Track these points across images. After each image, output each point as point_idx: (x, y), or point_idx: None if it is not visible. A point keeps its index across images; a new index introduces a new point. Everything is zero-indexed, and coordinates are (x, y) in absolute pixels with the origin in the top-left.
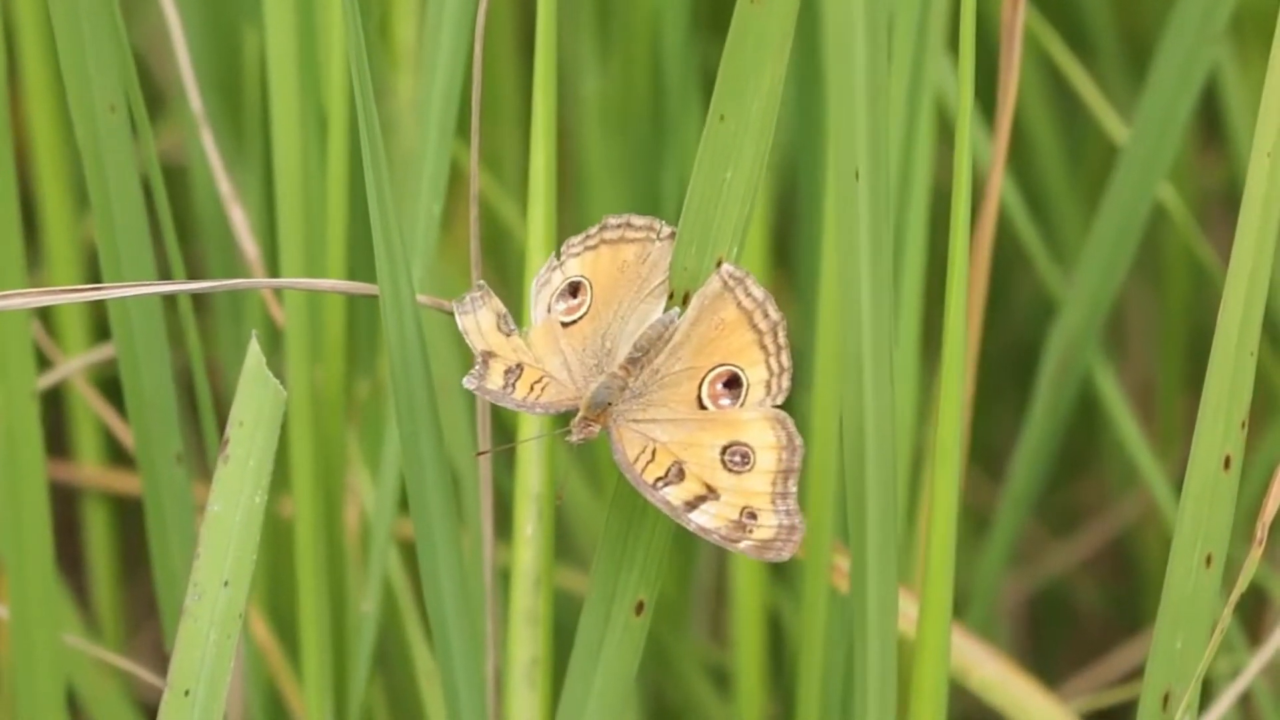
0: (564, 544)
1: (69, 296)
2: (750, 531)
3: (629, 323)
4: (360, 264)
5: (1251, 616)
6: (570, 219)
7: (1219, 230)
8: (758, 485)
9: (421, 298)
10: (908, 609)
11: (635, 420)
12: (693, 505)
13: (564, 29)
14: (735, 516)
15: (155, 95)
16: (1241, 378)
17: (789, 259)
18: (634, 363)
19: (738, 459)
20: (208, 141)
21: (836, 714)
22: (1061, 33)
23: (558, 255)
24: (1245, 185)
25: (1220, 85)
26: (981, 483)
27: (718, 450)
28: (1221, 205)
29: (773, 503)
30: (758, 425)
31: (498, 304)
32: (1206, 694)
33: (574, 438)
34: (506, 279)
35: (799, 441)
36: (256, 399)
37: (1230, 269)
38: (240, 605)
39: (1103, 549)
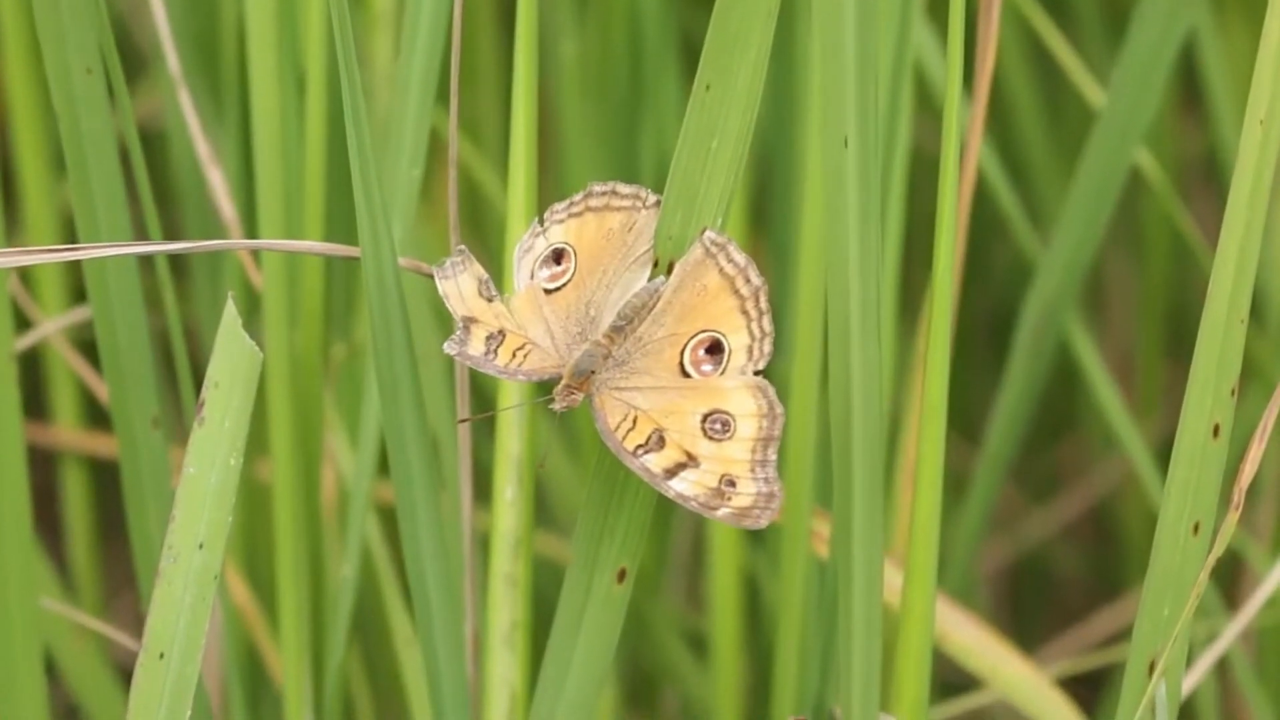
0: (543, 509)
1: (46, 257)
2: (729, 499)
3: (613, 291)
4: (338, 227)
5: (1229, 583)
6: (549, 183)
7: (1199, 197)
8: (737, 453)
9: (401, 260)
10: (889, 576)
11: (618, 388)
12: (672, 473)
13: None
14: (714, 484)
15: (134, 58)
16: (1232, 346)
17: (765, 223)
18: (618, 331)
19: (718, 427)
20: (186, 103)
21: (815, 680)
22: None
23: (541, 221)
24: (1232, 153)
25: (1199, 51)
26: (959, 447)
27: (699, 418)
28: (1201, 172)
29: (752, 470)
30: (739, 393)
31: (479, 269)
32: (1184, 660)
33: (557, 405)
34: (486, 245)
35: (779, 409)
36: (232, 360)
37: (1221, 237)
38: (215, 568)
39: (1082, 514)
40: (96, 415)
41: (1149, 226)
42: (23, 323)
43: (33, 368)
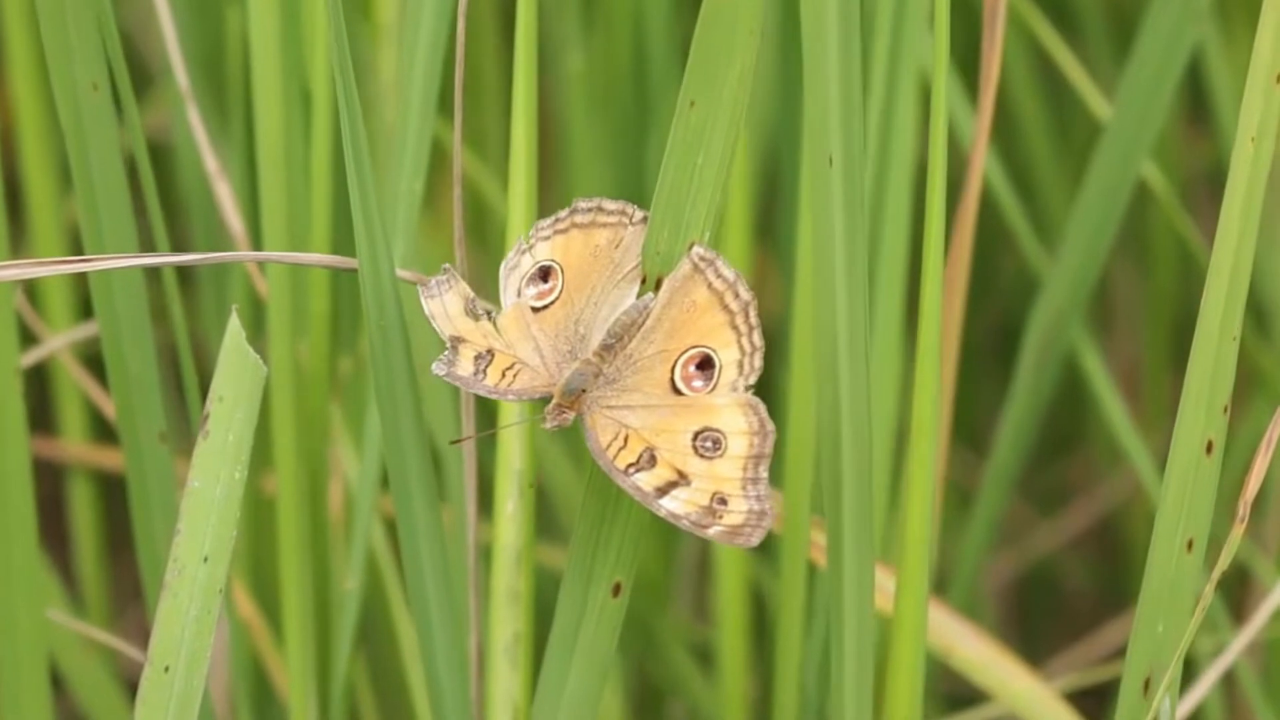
0: (545, 521)
1: (52, 269)
2: (720, 517)
3: (602, 308)
4: (345, 240)
5: (1236, 596)
6: (554, 197)
7: (1204, 208)
8: (729, 471)
9: (402, 273)
10: (889, 585)
11: (609, 406)
12: (663, 491)
13: (547, 5)
14: (706, 502)
15: (141, 73)
16: (1224, 363)
17: (773, 236)
18: (608, 349)
19: (709, 445)
20: (193, 118)
21: (814, 690)
22: (1046, 9)
23: (526, 239)
24: (1229, 169)
25: (1205, 64)
26: (966, 461)
27: (689, 436)
28: (1207, 183)
29: (743, 488)
30: (730, 411)
31: (465, 288)
32: (1190, 673)
33: (548, 424)
34: (491, 257)
35: (770, 427)
36: (236, 374)
37: (1213, 255)
38: (220, 580)
39: (1088, 528)
40: (103, 429)
41: (1155, 239)
42: (28, 337)
43: (39, 381)
